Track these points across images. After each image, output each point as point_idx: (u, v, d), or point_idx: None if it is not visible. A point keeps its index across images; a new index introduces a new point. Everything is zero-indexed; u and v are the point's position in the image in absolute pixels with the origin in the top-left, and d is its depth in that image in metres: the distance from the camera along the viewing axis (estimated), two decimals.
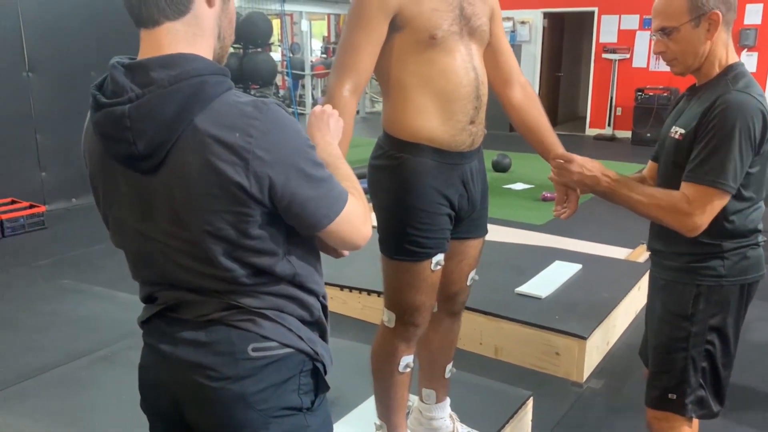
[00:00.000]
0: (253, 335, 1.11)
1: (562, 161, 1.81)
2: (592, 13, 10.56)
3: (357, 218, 1.14)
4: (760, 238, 1.70)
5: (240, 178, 1.00)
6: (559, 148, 1.93)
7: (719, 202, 1.56)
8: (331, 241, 1.15)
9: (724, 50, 1.63)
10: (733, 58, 1.64)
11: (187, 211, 1.03)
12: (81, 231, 5.21)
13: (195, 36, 1.05)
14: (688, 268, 1.68)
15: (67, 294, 3.94)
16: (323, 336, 1.23)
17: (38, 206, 5.41)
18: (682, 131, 1.63)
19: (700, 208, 1.55)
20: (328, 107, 1.37)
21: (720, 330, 1.69)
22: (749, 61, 9.40)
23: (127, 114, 0.99)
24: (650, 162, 1.90)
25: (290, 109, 9.76)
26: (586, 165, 1.76)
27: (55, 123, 5.82)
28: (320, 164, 1.08)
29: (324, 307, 1.23)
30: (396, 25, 1.67)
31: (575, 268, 3.82)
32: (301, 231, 1.11)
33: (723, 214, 1.59)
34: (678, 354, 1.71)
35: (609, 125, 10.69)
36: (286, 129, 1.03)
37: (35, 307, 3.74)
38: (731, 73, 1.61)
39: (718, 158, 1.52)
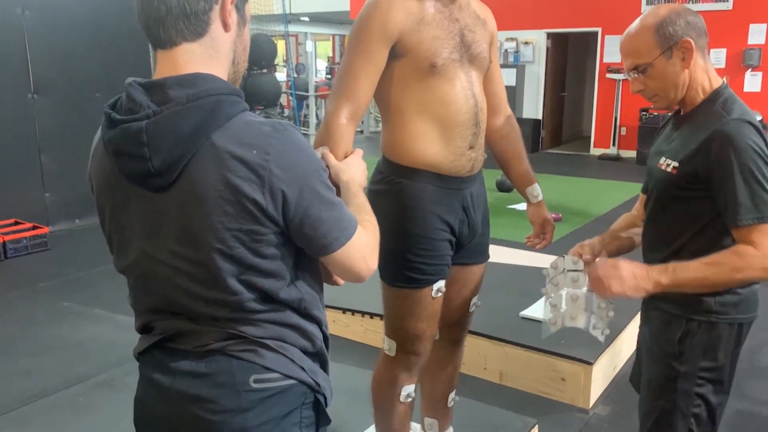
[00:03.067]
0: (255, 366, 1.09)
1: (607, 270, 1.55)
2: (596, 33, 10.59)
3: (366, 248, 1.14)
4: None
5: (256, 195, 1.00)
6: (533, 180, 2.02)
7: None
8: (336, 269, 1.14)
9: (704, 76, 1.57)
10: (716, 82, 1.59)
11: (200, 229, 1.02)
12: (84, 252, 5.19)
13: (211, 58, 1.07)
14: (679, 301, 1.60)
15: (68, 317, 3.92)
16: (324, 367, 1.21)
17: (41, 227, 5.41)
18: (675, 164, 1.56)
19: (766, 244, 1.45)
20: (359, 151, 1.41)
21: (712, 371, 1.60)
22: (754, 81, 9.40)
23: (144, 129, 0.99)
24: (641, 195, 1.84)
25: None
26: (632, 270, 1.53)
27: (59, 144, 5.84)
28: (332, 189, 1.10)
29: (325, 337, 1.21)
30: (396, 53, 1.65)
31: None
32: (311, 253, 1.10)
33: (716, 249, 1.51)
34: (666, 395, 1.63)
35: (614, 145, 10.68)
36: (303, 150, 1.05)
37: (35, 330, 3.72)
38: (720, 98, 1.55)
39: (750, 194, 1.45)
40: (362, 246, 1.13)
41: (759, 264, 1.45)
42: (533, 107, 11.32)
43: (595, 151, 10.91)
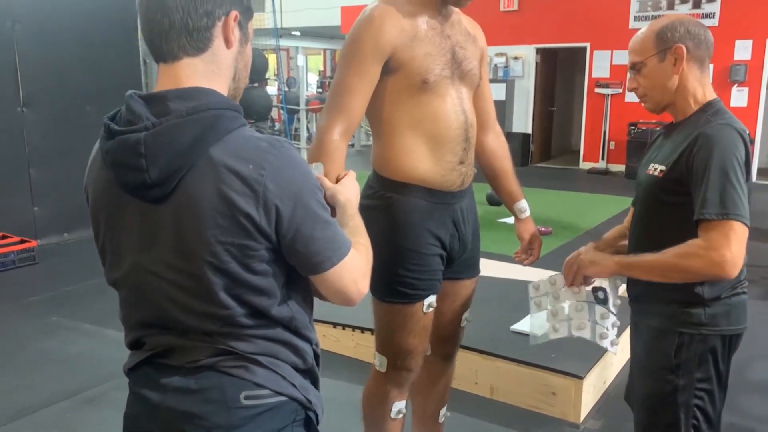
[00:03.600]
0: (246, 382, 1.08)
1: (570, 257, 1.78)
2: (585, 48, 10.70)
3: (357, 271, 1.13)
4: (745, 284, 1.64)
5: (250, 209, 1.00)
6: (520, 196, 2.05)
7: (739, 233, 1.46)
8: (326, 289, 1.13)
9: (699, 87, 1.62)
10: (710, 95, 1.63)
11: (193, 241, 1.02)
12: (72, 266, 5.15)
13: (212, 73, 1.08)
14: (669, 314, 1.62)
15: (56, 331, 3.88)
16: (315, 384, 1.20)
17: (29, 241, 5.36)
18: (662, 168, 1.60)
19: (720, 241, 1.45)
20: (352, 173, 1.43)
21: (706, 382, 1.62)
22: (740, 96, 9.52)
23: (143, 141, 0.99)
24: (631, 208, 1.86)
25: None
26: (591, 250, 1.76)
27: (48, 158, 5.81)
28: (327, 208, 1.10)
29: (317, 355, 1.20)
30: (389, 68, 1.67)
31: None
32: (302, 271, 1.10)
33: None
34: (666, 410, 1.64)
35: (603, 159, 10.76)
36: (299, 167, 1.05)
37: (23, 345, 3.68)
38: (711, 109, 1.60)
39: (720, 191, 1.47)
40: (354, 268, 1.12)
41: (704, 255, 1.46)
42: (523, 121, 11.40)
43: (584, 165, 10.98)
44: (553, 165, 11.57)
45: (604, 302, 1.76)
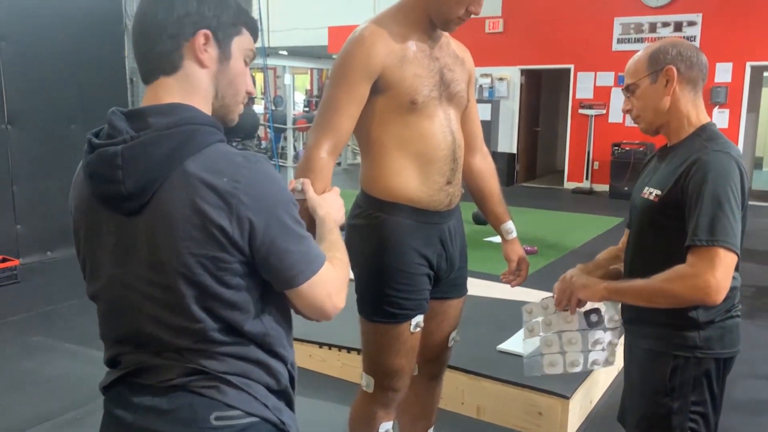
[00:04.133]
0: (217, 403, 1.08)
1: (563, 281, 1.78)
2: (569, 70, 10.84)
3: (332, 285, 1.14)
4: (739, 308, 1.66)
5: (222, 221, 1.01)
6: (507, 217, 2.06)
7: (724, 259, 1.47)
8: (300, 304, 1.13)
9: (692, 109, 1.64)
10: (704, 118, 1.65)
11: (166, 253, 1.03)
12: (55, 285, 5.09)
13: (187, 92, 1.10)
14: (664, 336, 1.62)
15: (38, 352, 3.82)
16: (290, 405, 1.20)
17: (12, 260, 5.29)
18: (658, 192, 1.60)
19: (706, 267, 1.45)
20: (336, 189, 1.44)
21: (701, 405, 1.62)
22: (721, 118, 9.67)
23: (120, 153, 1.02)
24: (626, 230, 1.87)
25: (272, 161, 9.81)
26: (583, 274, 1.76)
27: (32, 175, 5.76)
28: (301, 223, 1.10)
29: (292, 377, 1.20)
30: (378, 88, 1.68)
31: None
32: (276, 286, 1.10)
33: None
34: None
35: (587, 179, 10.85)
36: (273, 181, 1.07)
37: (4, 366, 3.62)
38: (705, 133, 1.61)
39: (711, 218, 1.47)
40: (328, 282, 1.13)
41: (687, 281, 1.47)
42: (508, 142, 11.49)
43: (568, 185, 11.07)
44: (538, 184, 11.65)
45: (597, 324, 1.75)
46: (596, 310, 1.74)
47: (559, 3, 10.65)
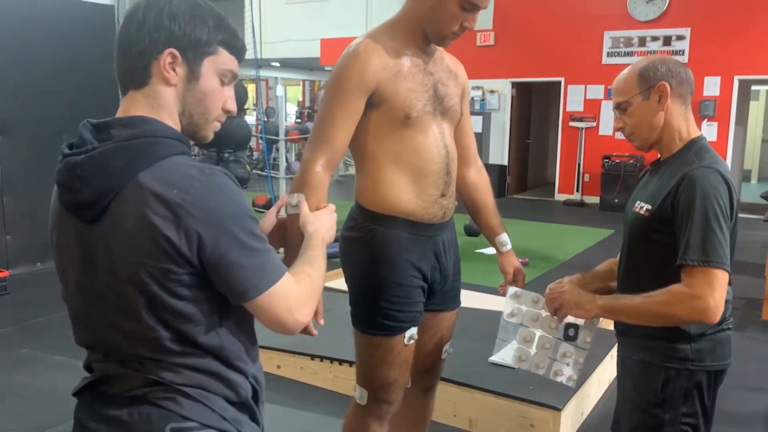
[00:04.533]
0: (173, 414, 1.09)
1: (555, 290, 1.75)
2: (559, 83, 10.92)
3: (292, 299, 1.12)
4: (730, 320, 1.67)
5: (169, 232, 1.02)
6: (501, 229, 2.06)
7: (721, 280, 1.49)
8: (260, 317, 1.13)
9: (683, 123, 1.66)
10: (694, 132, 1.67)
11: (119, 262, 1.06)
12: (45, 297, 5.05)
13: (152, 107, 1.12)
14: (656, 348, 1.64)
15: (26, 364, 3.79)
16: (253, 418, 1.19)
17: (1, 271, 5.26)
18: (649, 207, 1.62)
19: (705, 288, 1.47)
20: (331, 207, 1.45)
21: (692, 417, 1.63)
22: (710, 131, 9.76)
23: (80, 163, 1.06)
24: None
25: (264, 173, 9.79)
26: (577, 289, 1.71)
27: (23, 186, 5.74)
28: (259, 236, 1.10)
29: (255, 390, 1.19)
30: (373, 103, 1.69)
31: None
32: (231, 299, 1.10)
33: None
34: None
35: (577, 191, 10.91)
36: (226, 194, 1.07)
37: None
38: (694, 147, 1.63)
39: (702, 237, 1.49)
40: (289, 296, 1.11)
41: (688, 303, 1.48)
42: (499, 153, 11.54)
43: (559, 197, 11.12)
44: (529, 196, 11.70)
45: (573, 339, 1.77)
46: (575, 326, 1.76)
47: (549, 17, 10.75)
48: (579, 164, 10.86)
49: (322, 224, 1.37)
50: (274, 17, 13.98)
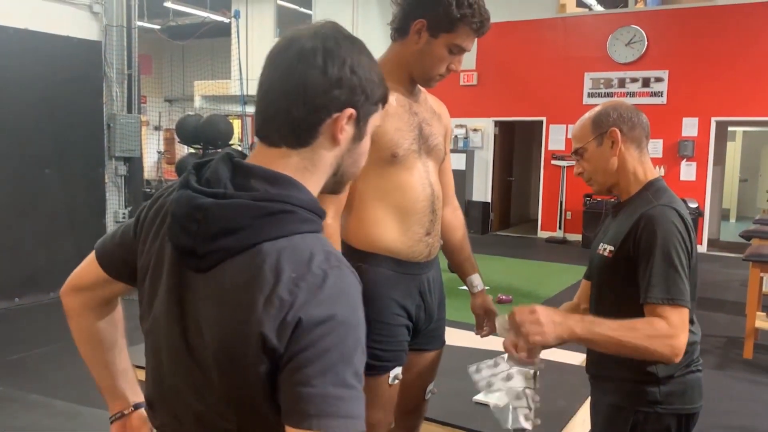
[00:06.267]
0: None
1: (524, 315, 1.54)
2: (541, 122, 11.11)
3: None
4: (699, 363, 1.68)
5: (267, 321, 0.87)
6: (473, 270, 2.06)
7: (686, 319, 1.52)
8: None
9: (639, 167, 1.70)
10: (651, 174, 1.71)
11: (206, 324, 0.94)
12: (23, 333, 4.95)
13: (305, 170, 0.98)
14: (625, 391, 1.64)
15: (1, 403, 3.69)
16: None
17: None
18: (611, 248, 1.65)
19: (679, 327, 1.49)
20: None
21: None
22: (688, 170, 9.95)
23: (206, 209, 0.92)
24: (583, 281, 1.91)
25: None
26: (550, 315, 1.54)
27: (4, 220, 5.67)
28: (359, 375, 0.91)
29: None
30: None
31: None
32: (283, 416, 0.89)
33: None
34: None
35: (560, 228, 11.00)
36: (341, 302, 0.90)
37: None
38: (652, 188, 1.68)
39: (664, 276, 1.51)
40: None
41: (667, 340, 1.48)
42: (482, 191, 11.64)
43: (542, 234, 11.20)
44: (512, 233, 11.77)
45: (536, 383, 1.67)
46: (536, 374, 1.67)
47: (531, 58, 10.99)
48: (561, 202, 10.98)
49: None
50: (261, 54, 14.08)
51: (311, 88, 0.94)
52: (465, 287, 2.14)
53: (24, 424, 3.38)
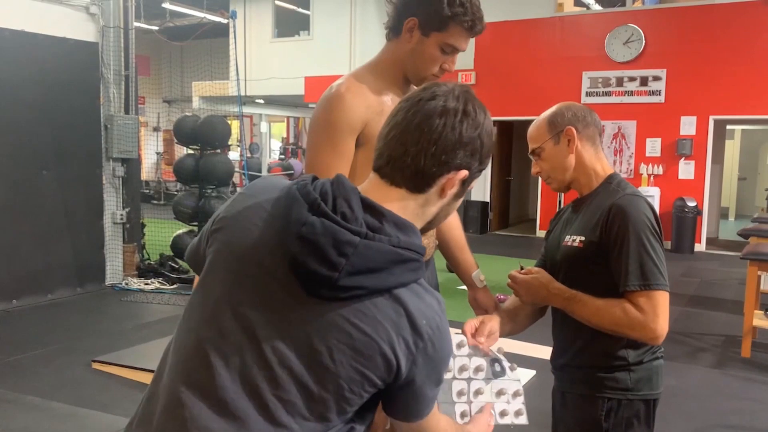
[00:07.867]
0: None
1: (523, 275, 1.79)
2: None
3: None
4: (662, 348, 1.71)
5: (401, 357, 0.99)
6: (474, 267, 2.03)
7: (664, 302, 1.58)
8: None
9: (596, 162, 1.75)
10: (609, 169, 1.77)
11: (328, 357, 0.98)
12: (20, 335, 4.94)
13: (417, 215, 1.08)
14: (597, 380, 1.68)
15: None
16: None
17: None
18: (582, 238, 1.69)
19: (651, 314, 1.56)
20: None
21: None
22: (687, 169, 9.95)
23: (355, 246, 0.97)
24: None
25: None
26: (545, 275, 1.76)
27: (0, 222, 5.66)
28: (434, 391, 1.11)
29: None
30: (359, 141, 1.70)
31: (529, 374, 3.78)
32: (394, 413, 1.12)
33: None
34: None
35: None
36: (448, 338, 1.07)
37: None
38: (615, 180, 1.73)
39: (640, 262, 1.57)
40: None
41: (637, 330, 1.57)
42: (481, 190, 11.65)
43: (540, 233, 11.19)
44: (510, 233, 11.78)
45: (501, 374, 1.66)
46: (498, 360, 1.67)
47: (529, 57, 11.00)
48: (559, 201, 10.97)
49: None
50: (259, 55, 14.14)
51: (442, 143, 1.04)
52: (464, 287, 2.12)
53: (22, 426, 3.37)
